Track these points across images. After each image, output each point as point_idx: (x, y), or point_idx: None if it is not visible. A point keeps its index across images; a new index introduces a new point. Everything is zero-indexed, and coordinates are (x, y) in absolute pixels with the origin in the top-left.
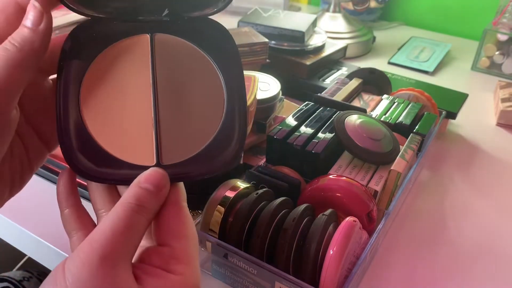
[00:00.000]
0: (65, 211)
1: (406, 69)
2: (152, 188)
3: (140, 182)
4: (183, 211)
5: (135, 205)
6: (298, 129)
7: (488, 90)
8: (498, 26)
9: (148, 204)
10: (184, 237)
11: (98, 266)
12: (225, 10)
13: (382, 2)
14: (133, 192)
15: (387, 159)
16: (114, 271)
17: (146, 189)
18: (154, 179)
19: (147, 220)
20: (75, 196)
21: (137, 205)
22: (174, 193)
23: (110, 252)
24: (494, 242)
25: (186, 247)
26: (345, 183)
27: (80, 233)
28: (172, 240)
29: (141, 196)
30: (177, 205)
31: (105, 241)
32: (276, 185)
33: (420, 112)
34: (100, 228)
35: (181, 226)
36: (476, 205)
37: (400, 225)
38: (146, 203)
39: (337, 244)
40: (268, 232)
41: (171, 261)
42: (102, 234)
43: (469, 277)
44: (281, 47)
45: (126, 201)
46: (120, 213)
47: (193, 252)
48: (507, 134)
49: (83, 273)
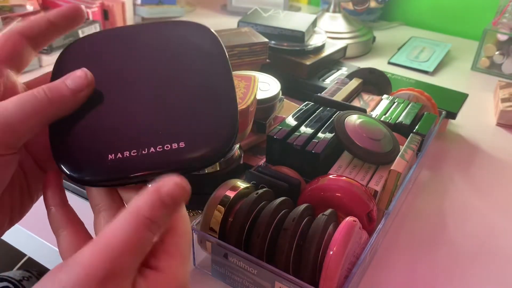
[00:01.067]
0: (51, 209)
1: (406, 69)
2: (171, 202)
3: (162, 193)
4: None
5: (149, 222)
6: (298, 129)
7: (488, 90)
8: (498, 26)
9: (162, 222)
10: (176, 232)
11: (100, 284)
12: (225, 10)
13: (382, 2)
14: (150, 203)
15: (387, 159)
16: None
17: (164, 203)
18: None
19: (153, 235)
20: (61, 194)
21: (151, 222)
22: None
23: (113, 271)
24: (494, 242)
25: (177, 242)
26: (345, 183)
27: (67, 231)
28: (164, 235)
29: (157, 210)
30: None
31: (108, 257)
32: (276, 185)
33: (420, 112)
34: (103, 239)
35: (174, 221)
36: (476, 205)
37: (400, 225)
38: (161, 220)
39: (337, 244)
40: (268, 232)
41: (160, 256)
42: (104, 247)
43: (469, 277)
44: (281, 47)
45: (140, 213)
46: (132, 227)
47: (185, 248)
48: (507, 134)
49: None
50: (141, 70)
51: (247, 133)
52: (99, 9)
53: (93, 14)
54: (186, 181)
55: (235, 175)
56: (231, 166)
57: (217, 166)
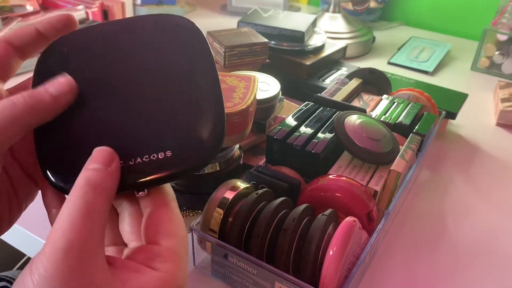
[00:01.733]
0: (52, 211)
1: (405, 69)
2: (99, 166)
3: (85, 166)
4: (172, 211)
5: (87, 187)
6: (298, 129)
7: (488, 90)
8: (498, 26)
9: (101, 182)
10: (172, 235)
11: (63, 260)
12: (225, 10)
13: (382, 2)
14: (82, 176)
15: (387, 159)
16: (82, 263)
17: (94, 169)
18: (100, 158)
19: (106, 200)
20: (59, 195)
21: (89, 186)
22: (161, 193)
23: (74, 242)
24: (494, 242)
25: (174, 245)
26: (345, 183)
27: None
28: (160, 238)
29: (91, 176)
30: (166, 205)
31: (66, 231)
32: (276, 185)
33: (420, 112)
34: (58, 219)
35: (170, 225)
36: (476, 205)
37: (400, 225)
38: (98, 181)
39: (337, 244)
40: (268, 232)
41: (156, 259)
42: (61, 225)
43: (469, 277)
44: (281, 47)
45: (77, 186)
46: (74, 199)
47: (181, 251)
48: (507, 134)
49: (49, 270)
50: (123, 73)
51: (247, 133)
52: (99, 9)
53: (93, 14)
54: None
55: (235, 175)
56: (231, 166)
57: (217, 166)
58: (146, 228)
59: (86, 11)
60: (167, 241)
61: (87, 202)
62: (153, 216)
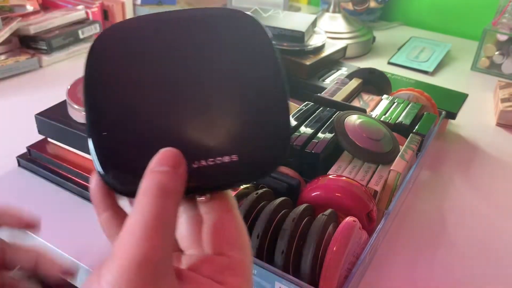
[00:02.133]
0: (103, 214)
1: (405, 69)
2: (168, 168)
3: (152, 167)
4: (237, 219)
5: (158, 191)
6: (298, 129)
7: (488, 90)
8: (498, 26)
9: (171, 185)
10: (241, 247)
11: (137, 273)
12: None
13: (382, 2)
14: (150, 178)
15: (387, 159)
16: (155, 277)
17: (163, 172)
18: (169, 159)
19: (176, 206)
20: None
21: (160, 190)
22: (224, 199)
23: (148, 252)
24: (493, 242)
25: (242, 258)
26: (345, 183)
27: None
28: (228, 249)
29: (160, 179)
30: (230, 212)
31: (139, 240)
32: (276, 185)
33: (420, 112)
34: (129, 225)
35: (237, 234)
36: (476, 205)
37: (400, 225)
38: (170, 185)
39: (336, 244)
40: (267, 232)
41: (225, 272)
42: (132, 232)
43: (468, 277)
44: (281, 47)
45: (147, 190)
46: (145, 205)
47: (249, 264)
48: (506, 134)
49: (120, 281)
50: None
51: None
52: (99, 9)
53: (93, 14)
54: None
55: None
56: None
57: None
58: (211, 235)
59: (86, 11)
60: (235, 252)
61: (159, 207)
62: (218, 223)
